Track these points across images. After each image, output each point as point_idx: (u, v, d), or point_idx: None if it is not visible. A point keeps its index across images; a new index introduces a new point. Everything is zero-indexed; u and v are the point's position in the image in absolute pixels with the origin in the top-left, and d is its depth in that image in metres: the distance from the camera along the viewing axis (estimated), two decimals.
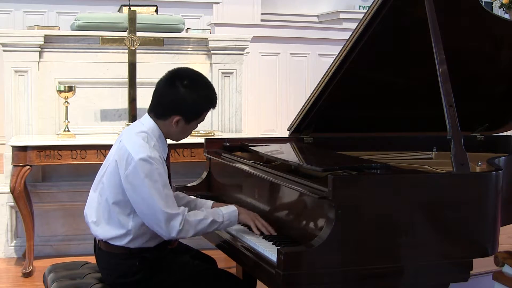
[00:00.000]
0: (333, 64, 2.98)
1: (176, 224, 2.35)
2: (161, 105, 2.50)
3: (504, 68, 3.24)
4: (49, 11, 6.86)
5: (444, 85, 2.46)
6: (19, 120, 4.38)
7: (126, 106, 4.45)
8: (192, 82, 2.50)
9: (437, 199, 2.27)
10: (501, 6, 7.41)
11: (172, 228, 2.35)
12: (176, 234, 2.37)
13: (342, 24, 8.09)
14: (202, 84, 2.53)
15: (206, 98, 2.52)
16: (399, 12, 2.80)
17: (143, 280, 2.46)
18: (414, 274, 2.22)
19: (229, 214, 2.51)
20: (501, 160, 2.73)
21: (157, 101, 2.52)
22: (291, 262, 2.06)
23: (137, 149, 2.38)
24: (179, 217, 2.36)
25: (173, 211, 2.36)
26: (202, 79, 2.54)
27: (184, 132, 2.55)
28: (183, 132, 2.55)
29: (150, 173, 2.35)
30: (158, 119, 2.50)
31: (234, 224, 2.53)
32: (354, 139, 3.33)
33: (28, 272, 3.92)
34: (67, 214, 4.37)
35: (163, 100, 2.49)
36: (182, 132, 2.54)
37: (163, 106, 2.49)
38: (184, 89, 2.46)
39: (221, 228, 2.52)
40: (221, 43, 4.70)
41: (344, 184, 2.14)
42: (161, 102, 2.50)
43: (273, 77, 6.98)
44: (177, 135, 2.56)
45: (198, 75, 2.54)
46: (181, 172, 4.27)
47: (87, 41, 4.47)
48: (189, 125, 2.52)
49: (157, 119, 2.51)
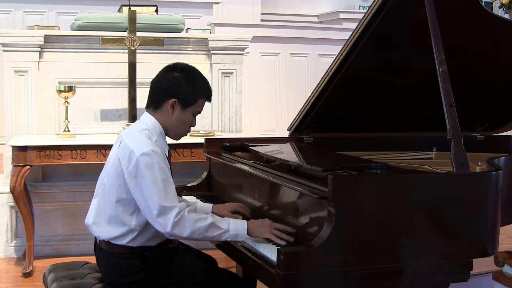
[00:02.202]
0: (333, 64, 2.98)
1: (171, 217, 2.32)
2: (156, 91, 2.51)
3: (504, 68, 3.24)
4: (49, 11, 6.87)
5: (444, 85, 2.46)
6: (19, 120, 4.38)
7: (126, 106, 4.45)
8: (188, 70, 2.53)
9: (437, 199, 2.27)
10: (501, 6, 7.40)
11: (167, 221, 2.32)
12: (171, 227, 2.32)
13: (342, 24, 8.09)
14: (198, 74, 2.55)
15: (202, 87, 2.53)
16: (399, 12, 2.80)
17: (144, 280, 2.46)
18: (414, 274, 2.23)
19: (236, 225, 2.40)
20: (501, 160, 2.73)
21: (153, 91, 2.53)
22: (291, 262, 2.06)
23: (139, 145, 2.39)
24: (175, 210, 2.33)
25: (168, 204, 2.33)
26: (198, 71, 2.57)
27: (182, 122, 2.51)
28: (180, 121, 2.51)
29: (151, 167, 2.35)
30: (155, 112, 2.51)
31: (242, 238, 2.40)
32: (354, 139, 3.33)
33: (28, 272, 3.92)
34: (67, 214, 4.37)
35: (158, 85, 2.51)
36: (179, 122, 2.50)
37: (158, 91, 2.50)
38: (179, 73, 2.49)
39: (226, 237, 2.40)
40: (221, 43, 4.71)
41: (344, 184, 2.14)
42: (157, 89, 2.51)
43: (273, 77, 6.97)
44: (175, 127, 2.52)
45: (194, 68, 2.57)
46: (181, 172, 4.27)
47: (87, 41, 4.47)
48: (185, 112, 2.50)
49: (155, 112, 2.51)
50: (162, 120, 2.51)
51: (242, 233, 2.40)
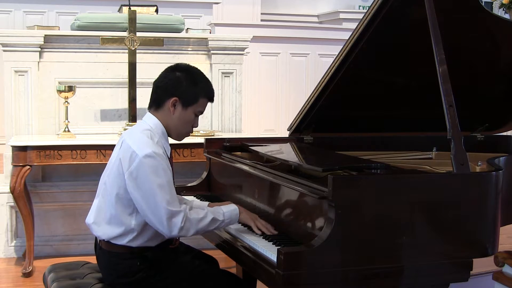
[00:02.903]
0: (333, 64, 2.98)
1: (177, 221, 2.34)
2: (158, 91, 2.52)
3: (504, 68, 3.24)
4: (49, 11, 6.86)
5: (444, 85, 2.46)
6: (19, 120, 4.38)
7: (126, 106, 4.45)
8: (190, 70, 2.54)
9: (437, 199, 2.27)
10: (501, 6, 7.40)
11: (173, 226, 2.34)
12: (178, 231, 2.35)
13: (342, 24, 8.09)
14: (200, 74, 2.56)
15: (203, 87, 2.53)
16: (399, 12, 2.80)
17: (144, 280, 2.46)
18: (414, 274, 2.22)
19: (230, 212, 2.51)
20: (501, 160, 2.73)
21: (154, 91, 2.54)
22: (291, 262, 2.06)
23: (141, 145, 2.38)
24: (181, 215, 2.35)
25: (175, 208, 2.35)
26: (200, 72, 2.57)
27: (183, 122, 2.51)
28: (182, 121, 2.50)
29: (155, 169, 2.34)
30: (157, 111, 2.51)
31: (234, 223, 2.54)
32: (354, 139, 3.34)
33: (28, 272, 3.92)
34: (67, 214, 4.37)
35: (160, 85, 2.52)
36: (180, 121, 2.50)
37: (160, 90, 2.51)
38: (181, 73, 2.51)
39: (222, 226, 2.52)
40: (221, 43, 4.71)
41: (344, 184, 2.14)
42: (158, 88, 2.52)
43: (273, 77, 6.97)
44: (177, 126, 2.51)
45: (196, 68, 2.58)
46: (181, 172, 4.28)
47: (87, 41, 4.47)
48: (187, 111, 2.49)
49: (157, 111, 2.51)
50: (164, 120, 2.50)
51: (235, 218, 2.53)
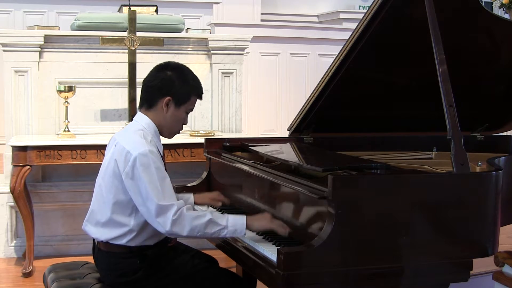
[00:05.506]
0: (333, 64, 2.98)
1: (169, 215, 2.32)
2: (150, 90, 2.53)
3: (504, 68, 3.24)
4: (49, 11, 6.87)
5: (444, 85, 2.46)
6: (19, 120, 4.38)
7: (126, 106, 4.45)
8: (180, 69, 2.56)
9: (437, 199, 2.27)
10: (501, 6, 7.40)
11: (166, 220, 2.32)
12: (171, 225, 2.32)
13: (342, 24, 8.09)
14: (190, 73, 2.58)
15: (194, 85, 2.56)
16: (399, 12, 2.80)
17: (143, 279, 2.46)
18: (414, 274, 2.22)
19: (235, 220, 2.39)
20: (501, 160, 2.73)
21: (145, 90, 2.55)
22: (291, 262, 2.06)
23: (135, 145, 2.40)
24: (173, 208, 2.33)
25: (166, 203, 2.34)
26: (189, 70, 2.60)
27: (175, 120, 2.54)
28: (175, 119, 2.53)
29: (147, 167, 2.35)
30: (149, 110, 2.52)
31: (241, 234, 2.40)
32: (354, 139, 3.33)
33: (28, 272, 3.92)
34: (67, 214, 4.37)
35: (151, 84, 2.52)
36: (173, 120, 2.53)
37: (152, 90, 2.52)
38: (171, 72, 2.52)
39: (225, 234, 2.40)
40: (221, 43, 4.70)
41: (344, 184, 2.15)
42: (150, 88, 2.53)
43: (273, 77, 6.97)
44: (169, 125, 2.54)
45: (185, 66, 2.60)
46: (181, 172, 4.27)
47: (87, 41, 4.47)
48: (179, 110, 2.52)
49: (148, 111, 2.52)
50: (156, 119, 2.52)
51: (241, 228, 2.39)
